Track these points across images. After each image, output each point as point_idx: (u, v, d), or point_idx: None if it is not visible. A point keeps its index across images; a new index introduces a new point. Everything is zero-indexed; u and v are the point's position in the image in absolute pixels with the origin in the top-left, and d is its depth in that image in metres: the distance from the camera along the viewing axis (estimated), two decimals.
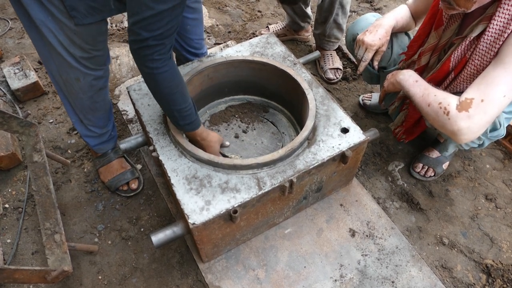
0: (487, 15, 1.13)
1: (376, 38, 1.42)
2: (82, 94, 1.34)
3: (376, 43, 1.42)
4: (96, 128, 1.52)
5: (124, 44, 2.32)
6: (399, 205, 1.62)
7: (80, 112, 1.43)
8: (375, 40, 1.42)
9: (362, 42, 1.44)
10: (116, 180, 1.61)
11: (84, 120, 1.47)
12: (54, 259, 1.19)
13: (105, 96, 1.45)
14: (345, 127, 1.34)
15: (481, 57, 1.17)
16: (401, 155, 1.80)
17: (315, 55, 1.84)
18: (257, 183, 1.19)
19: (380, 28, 1.43)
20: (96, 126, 1.52)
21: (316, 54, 1.86)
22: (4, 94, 1.96)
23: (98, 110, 1.45)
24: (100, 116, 1.49)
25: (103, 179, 1.64)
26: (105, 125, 1.55)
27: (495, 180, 1.71)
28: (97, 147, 1.61)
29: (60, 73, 1.27)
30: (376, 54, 1.46)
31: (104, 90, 1.41)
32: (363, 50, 1.45)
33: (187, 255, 1.45)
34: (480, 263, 1.46)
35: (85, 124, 1.49)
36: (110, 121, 1.57)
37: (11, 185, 1.65)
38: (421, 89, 1.24)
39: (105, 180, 1.63)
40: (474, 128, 1.12)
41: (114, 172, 1.63)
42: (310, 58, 1.85)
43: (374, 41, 1.42)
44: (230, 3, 2.68)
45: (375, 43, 1.42)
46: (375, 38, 1.42)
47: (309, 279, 1.37)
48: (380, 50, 1.45)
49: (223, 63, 1.53)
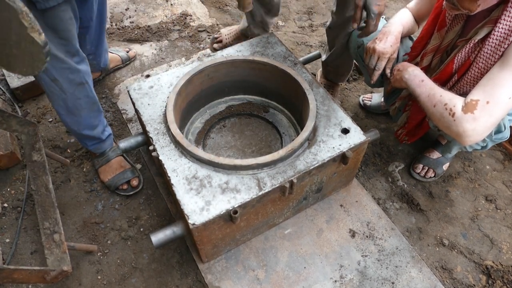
0: (492, 18, 1.12)
1: (388, 46, 1.38)
2: (64, 93, 1.33)
3: (388, 50, 1.38)
4: (87, 130, 1.50)
5: (124, 43, 2.31)
6: (399, 206, 1.62)
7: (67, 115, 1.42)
8: (387, 48, 1.38)
9: (374, 50, 1.39)
10: (116, 179, 1.61)
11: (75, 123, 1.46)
12: (53, 259, 1.19)
13: (88, 93, 1.42)
14: (345, 127, 1.33)
15: (485, 60, 1.17)
16: (401, 155, 1.80)
17: (315, 54, 1.84)
18: (258, 183, 1.19)
19: (390, 35, 1.39)
20: (86, 128, 1.50)
21: (316, 53, 1.86)
22: (3, 93, 1.95)
23: (83, 108, 1.43)
24: (86, 115, 1.46)
25: (102, 178, 1.64)
26: (95, 125, 1.53)
27: (495, 181, 1.71)
28: (93, 147, 1.60)
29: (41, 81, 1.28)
30: (388, 62, 1.42)
31: (85, 86, 1.38)
32: (375, 59, 1.40)
33: (187, 255, 1.45)
34: (480, 264, 1.46)
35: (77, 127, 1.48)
36: (100, 121, 1.55)
37: (10, 184, 1.65)
38: (427, 89, 1.23)
39: (104, 179, 1.63)
40: (479, 130, 1.12)
41: (114, 171, 1.62)
42: (310, 58, 1.85)
43: (385, 49, 1.38)
44: (230, 3, 2.68)
45: (387, 51, 1.38)
46: (387, 46, 1.38)
47: (309, 279, 1.37)
48: (392, 58, 1.41)
49: (223, 62, 1.53)
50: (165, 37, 2.35)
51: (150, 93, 1.44)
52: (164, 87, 1.46)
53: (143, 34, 2.35)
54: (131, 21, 2.46)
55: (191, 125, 1.61)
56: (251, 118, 1.69)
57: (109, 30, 2.38)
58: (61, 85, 1.31)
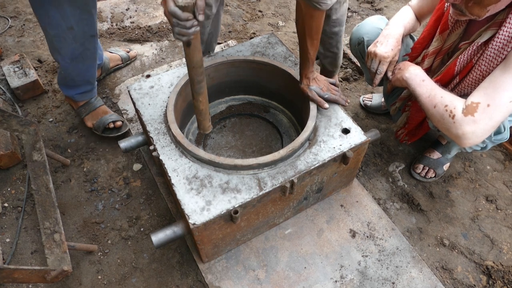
0: (496, 21, 1.12)
1: (389, 49, 1.38)
2: (75, 42, 1.46)
3: (389, 54, 1.37)
4: (86, 77, 1.65)
5: (125, 43, 2.31)
6: (400, 206, 1.62)
7: (71, 62, 1.54)
8: (388, 52, 1.37)
9: (375, 54, 1.39)
10: (102, 120, 1.69)
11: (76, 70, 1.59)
12: (54, 258, 1.19)
13: (95, 45, 1.57)
14: (346, 127, 1.33)
15: (488, 62, 1.17)
16: (401, 156, 1.79)
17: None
18: (258, 183, 1.19)
19: (391, 38, 1.39)
20: (86, 75, 1.64)
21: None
22: (4, 93, 1.95)
23: (88, 58, 1.56)
24: (90, 65, 1.60)
25: (89, 125, 1.72)
26: (93, 73, 1.65)
27: (496, 182, 1.71)
28: (82, 96, 1.69)
29: (55, 29, 1.39)
30: (389, 65, 1.42)
31: (95, 38, 1.54)
32: (377, 62, 1.40)
33: (187, 255, 1.45)
34: (480, 265, 1.46)
35: (77, 74, 1.60)
36: (96, 70, 1.70)
37: (11, 184, 1.65)
38: (428, 89, 1.23)
39: (90, 125, 1.71)
40: (479, 132, 1.12)
41: (100, 115, 1.72)
42: None
43: (387, 52, 1.37)
44: (231, 3, 2.68)
45: (388, 55, 1.37)
46: (388, 50, 1.37)
47: (309, 279, 1.37)
48: (393, 61, 1.41)
49: (224, 62, 1.53)
50: (166, 37, 2.35)
51: (150, 93, 1.44)
52: (164, 87, 1.46)
53: (143, 34, 2.35)
54: (132, 21, 2.46)
55: (191, 125, 1.61)
56: (252, 118, 1.69)
57: (109, 30, 2.38)
58: (76, 34, 1.42)
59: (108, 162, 1.73)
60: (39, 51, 2.24)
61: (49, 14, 1.36)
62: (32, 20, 2.44)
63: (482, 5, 1.05)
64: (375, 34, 1.50)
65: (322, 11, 1.15)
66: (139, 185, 1.66)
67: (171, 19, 0.91)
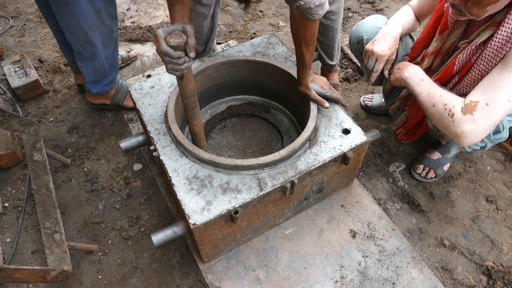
0: (495, 21, 1.12)
1: (386, 48, 1.38)
2: (103, 25, 1.54)
3: (386, 53, 1.38)
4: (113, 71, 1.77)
5: (126, 43, 2.31)
6: (400, 206, 1.62)
7: (104, 49, 1.61)
8: (385, 50, 1.38)
9: (372, 52, 1.40)
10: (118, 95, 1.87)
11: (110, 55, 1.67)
12: (54, 258, 1.19)
13: (117, 27, 1.65)
14: (346, 128, 1.33)
15: (486, 62, 1.17)
16: (402, 156, 1.79)
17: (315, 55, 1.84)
18: (258, 183, 1.19)
19: (388, 37, 1.40)
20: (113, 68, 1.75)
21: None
22: (4, 93, 1.95)
23: (114, 40, 1.65)
24: (115, 48, 1.69)
25: (132, 105, 1.88)
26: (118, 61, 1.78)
27: (496, 182, 1.71)
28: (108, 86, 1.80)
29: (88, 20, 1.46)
30: (386, 63, 1.43)
31: (116, 19, 1.62)
32: (373, 61, 1.41)
33: (188, 255, 1.45)
34: (480, 265, 1.46)
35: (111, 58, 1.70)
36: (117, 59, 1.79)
37: (11, 184, 1.65)
38: (427, 89, 1.24)
39: (132, 104, 1.77)
40: (478, 131, 1.12)
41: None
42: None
43: (384, 51, 1.38)
44: (231, 3, 2.68)
45: (385, 53, 1.38)
46: (385, 48, 1.38)
47: (309, 280, 1.37)
48: (390, 59, 1.42)
49: (224, 63, 1.53)
50: None
51: (151, 93, 1.45)
52: (165, 87, 1.47)
53: (144, 34, 2.35)
54: (132, 21, 2.46)
55: None
56: (252, 118, 1.69)
57: None
58: (103, 17, 1.51)
59: (108, 162, 1.74)
60: (39, 51, 2.25)
61: (79, 1, 1.40)
62: (33, 20, 2.45)
63: (481, 5, 1.05)
64: (374, 33, 1.50)
65: (316, 20, 1.16)
66: (140, 185, 1.66)
67: (164, 58, 0.95)
